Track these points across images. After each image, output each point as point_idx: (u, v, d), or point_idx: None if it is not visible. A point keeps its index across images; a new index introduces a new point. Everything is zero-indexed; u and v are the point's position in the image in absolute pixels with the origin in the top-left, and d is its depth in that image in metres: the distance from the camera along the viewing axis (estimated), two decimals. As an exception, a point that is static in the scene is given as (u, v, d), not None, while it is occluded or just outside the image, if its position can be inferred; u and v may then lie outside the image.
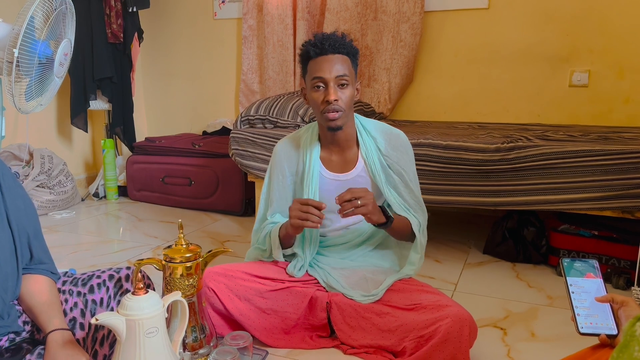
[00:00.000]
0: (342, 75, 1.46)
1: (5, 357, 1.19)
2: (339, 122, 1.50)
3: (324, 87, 1.47)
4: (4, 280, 1.15)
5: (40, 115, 3.20)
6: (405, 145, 1.61)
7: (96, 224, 2.98)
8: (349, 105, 1.49)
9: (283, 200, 1.65)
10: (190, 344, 1.31)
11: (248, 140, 2.58)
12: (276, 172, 1.65)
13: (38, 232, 1.27)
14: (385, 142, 1.59)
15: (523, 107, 2.96)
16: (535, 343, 1.61)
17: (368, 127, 1.60)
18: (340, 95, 1.47)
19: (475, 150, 2.07)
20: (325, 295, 1.58)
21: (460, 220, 2.97)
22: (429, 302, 1.45)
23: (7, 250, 1.17)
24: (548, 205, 2.03)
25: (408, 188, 1.60)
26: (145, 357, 1.10)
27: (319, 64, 1.47)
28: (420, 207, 1.62)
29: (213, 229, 2.81)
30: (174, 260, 1.29)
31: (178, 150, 3.27)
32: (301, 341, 1.55)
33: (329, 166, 1.60)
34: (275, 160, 1.66)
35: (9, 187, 1.19)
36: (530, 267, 2.24)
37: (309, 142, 1.62)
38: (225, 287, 1.55)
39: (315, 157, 1.60)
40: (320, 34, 1.50)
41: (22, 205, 1.22)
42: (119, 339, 1.10)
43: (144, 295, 1.12)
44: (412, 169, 1.62)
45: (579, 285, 1.05)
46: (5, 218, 1.17)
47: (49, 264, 1.29)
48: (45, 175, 3.01)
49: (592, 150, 1.95)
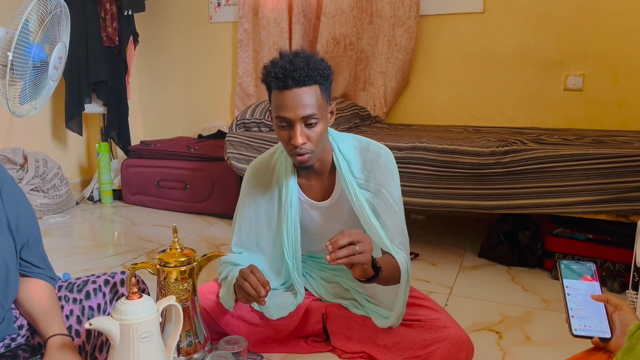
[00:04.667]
0: (310, 115, 1.28)
1: (1, 362, 1.18)
2: (309, 163, 1.36)
3: (289, 127, 1.31)
4: (5, 288, 1.15)
5: (35, 118, 3.18)
6: (385, 164, 1.44)
7: (91, 228, 2.97)
8: (319, 142, 1.34)
9: (252, 232, 1.52)
10: (184, 349, 1.31)
11: (244, 144, 2.58)
12: (248, 201, 1.52)
13: (38, 239, 1.26)
14: (361, 163, 1.44)
15: (518, 110, 2.97)
16: (531, 347, 1.61)
17: (343, 148, 1.44)
18: (308, 134, 1.30)
19: (470, 154, 2.08)
20: (322, 306, 1.57)
21: (456, 223, 2.97)
22: (428, 319, 1.43)
23: (9, 256, 1.16)
24: (543, 208, 2.03)
25: (390, 209, 1.42)
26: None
27: (282, 100, 1.28)
28: (401, 233, 1.44)
29: (208, 233, 2.80)
30: (169, 264, 1.28)
31: (173, 154, 3.26)
32: (296, 346, 1.54)
33: (308, 192, 1.50)
34: (248, 187, 1.52)
35: (9, 193, 1.18)
36: (526, 270, 2.24)
37: (284, 167, 1.48)
38: (216, 305, 1.52)
39: (292, 183, 1.47)
40: (284, 61, 1.28)
41: (23, 211, 1.21)
42: (113, 343, 1.09)
43: (138, 299, 1.11)
44: (395, 189, 1.45)
45: (575, 288, 1.05)
46: (6, 224, 1.16)
47: (47, 269, 1.28)
48: (40, 179, 3.00)
49: (586, 154, 1.96)
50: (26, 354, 1.23)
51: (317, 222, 1.53)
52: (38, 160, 3.03)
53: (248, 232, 1.52)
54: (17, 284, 1.19)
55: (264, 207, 1.51)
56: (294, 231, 1.49)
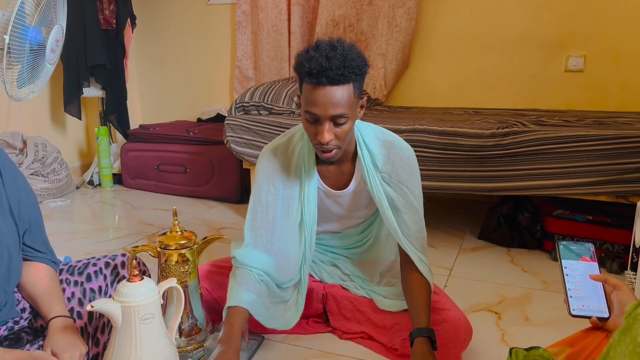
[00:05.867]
0: (340, 115, 1.24)
1: (5, 345, 1.19)
2: (335, 158, 1.34)
3: (317, 122, 1.27)
4: (8, 272, 1.15)
5: (33, 102, 3.17)
6: (408, 161, 1.42)
7: (91, 212, 2.98)
8: (346, 139, 1.31)
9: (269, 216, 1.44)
10: (186, 330, 1.32)
11: (243, 127, 2.57)
12: (267, 184, 1.45)
13: (40, 223, 1.27)
14: (385, 157, 1.41)
15: (519, 92, 2.95)
16: (530, 327, 1.62)
17: (367, 139, 1.42)
18: (336, 132, 1.27)
19: (470, 136, 2.07)
20: (321, 287, 1.58)
21: (456, 206, 2.98)
22: None
23: (12, 241, 1.16)
24: (543, 190, 2.04)
25: (411, 207, 1.42)
26: (141, 343, 1.10)
27: (313, 96, 1.23)
28: (419, 230, 1.43)
29: (208, 217, 2.81)
30: (169, 247, 1.29)
31: (172, 138, 3.25)
32: (297, 326, 1.55)
33: (326, 179, 1.47)
34: (267, 170, 1.46)
35: (11, 178, 1.18)
36: (525, 252, 2.25)
37: (305, 154, 1.44)
38: (217, 285, 1.53)
39: (313, 170, 1.44)
40: (320, 55, 1.21)
41: (24, 195, 1.21)
42: (115, 325, 1.10)
43: (139, 282, 1.12)
44: (417, 187, 1.44)
45: (574, 268, 1.05)
46: (8, 209, 1.16)
47: (49, 254, 1.29)
48: (40, 163, 2.99)
49: (587, 135, 1.95)
50: (29, 337, 1.25)
51: (332, 210, 1.52)
52: (37, 144, 3.02)
53: (264, 216, 1.44)
54: (20, 269, 1.20)
55: (282, 192, 1.44)
56: (312, 221, 1.45)
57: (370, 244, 1.62)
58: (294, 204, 1.44)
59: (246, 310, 1.31)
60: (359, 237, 1.62)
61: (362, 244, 1.63)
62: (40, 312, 1.22)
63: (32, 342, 1.18)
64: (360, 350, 1.47)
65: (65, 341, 1.12)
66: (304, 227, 1.44)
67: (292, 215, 1.44)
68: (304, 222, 1.44)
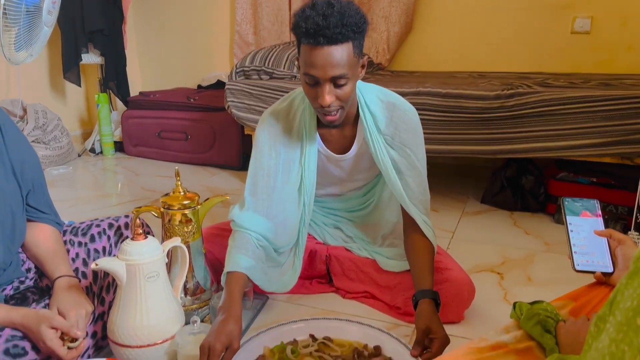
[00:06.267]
0: (340, 76, 1.21)
1: (11, 304, 1.20)
2: (337, 122, 1.31)
3: (316, 85, 1.24)
4: (12, 232, 1.15)
5: (32, 69, 3.14)
6: (411, 121, 1.40)
7: (94, 179, 2.97)
8: (347, 101, 1.28)
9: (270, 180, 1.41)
10: (191, 289, 1.33)
11: (244, 92, 2.54)
12: (268, 148, 1.42)
13: (43, 184, 1.26)
14: (387, 118, 1.39)
15: (524, 55, 2.90)
16: (532, 287, 1.63)
17: (369, 101, 1.39)
18: (337, 93, 1.24)
19: (475, 98, 2.05)
20: (324, 249, 1.59)
21: (459, 171, 2.97)
22: None
23: (15, 202, 1.16)
24: (547, 152, 2.02)
25: (414, 169, 1.40)
26: (147, 301, 1.11)
27: (312, 58, 1.20)
28: (425, 195, 1.43)
29: (211, 184, 2.81)
30: (172, 207, 1.29)
31: (173, 105, 3.22)
32: (301, 287, 1.57)
33: (328, 142, 1.45)
34: (268, 134, 1.42)
35: (13, 138, 1.17)
36: (528, 215, 2.25)
37: (307, 118, 1.41)
38: (221, 247, 1.51)
39: (314, 137, 1.42)
40: (317, 14, 1.17)
41: (27, 157, 1.20)
42: (120, 283, 1.11)
43: (143, 240, 1.13)
44: (420, 149, 1.42)
45: (578, 224, 1.05)
46: (11, 170, 1.15)
47: (53, 214, 1.29)
48: (40, 131, 2.98)
49: (592, 96, 1.93)
50: (35, 296, 1.26)
51: (333, 174, 1.51)
52: (38, 111, 3.00)
53: (264, 181, 1.42)
54: (23, 229, 1.20)
55: (283, 157, 1.42)
56: (311, 185, 1.44)
57: (372, 207, 1.61)
58: (294, 168, 1.43)
59: (245, 275, 1.30)
60: (361, 200, 1.62)
61: (365, 207, 1.62)
62: (45, 272, 1.22)
63: (38, 301, 1.19)
64: (364, 309, 1.49)
65: (71, 300, 1.13)
66: (303, 190, 1.43)
67: (292, 180, 1.43)
68: (304, 185, 1.43)
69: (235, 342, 1.12)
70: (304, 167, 1.42)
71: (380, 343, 1.25)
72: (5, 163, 1.14)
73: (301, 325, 1.31)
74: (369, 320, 1.36)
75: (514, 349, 0.84)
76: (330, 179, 1.52)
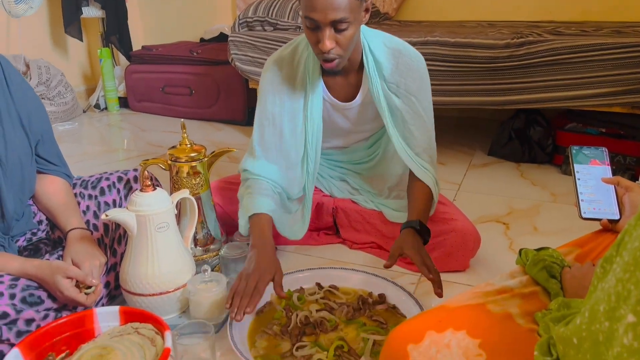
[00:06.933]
0: (340, 20, 1.17)
1: (24, 255, 1.23)
2: (337, 68, 1.29)
3: (317, 29, 1.20)
4: (22, 182, 1.16)
5: (33, 25, 3.09)
6: (417, 70, 1.37)
7: (99, 135, 2.98)
8: (349, 47, 1.24)
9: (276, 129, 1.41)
10: (201, 240, 1.35)
11: (248, 44, 2.50)
12: (272, 96, 1.41)
13: (50, 134, 1.26)
14: (393, 65, 1.35)
15: (534, 3, 2.82)
16: (538, 236, 1.64)
17: (374, 47, 1.35)
18: (338, 38, 1.20)
19: (484, 47, 2.00)
20: (331, 201, 1.60)
21: (466, 124, 2.94)
22: (436, 212, 1.45)
23: (24, 151, 1.16)
24: (557, 102, 1.99)
25: (419, 118, 1.38)
26: (158, 251, 1.13)
27: (311, 0, 1.16)
28: (430, 144, 1.42)
29: (217, 139, 2.80)
30: (180, 159, 1.29)
31: (176, 58, 3.18)
32: (308, 238, 1.59)
33: (333, 90, 1.42)
34: (271, 82, 1.41)
35: (19, 89, 1.16)
36: (535, 166, 2.24)
37: (310, 64, 1.38)
38: (229, 200, 1.54)
39: (318, 85, 1.39)
40: None
41: (34, 108, 1.20)
42: (130, 234, 1.13)
43: (152, 192, 1.14)
44: (426, 97, 1.40)
45: (586, 172, 1.05)
46: (18, 120, 1.15)
47: (62, 166, 1.29)
48: (44, 86, 2.96)
49: (604, 44, 1.88)
50: (48, 247, 1.28)
51: (338, 124, 1.49)
52: (40, 67, 2.97)
53: (271, 129, 1.42)
54: (33, 180, 1.21)
55: (288, 104, 1.41)
56: (316, 134, 1.42)
57: (378, 159, 1.61)
58: (299, 116, 1.41)
59: (270, 217, 1.32)
60: (366, 152, 1.61)
61: (370, 159, 1.62)
62: (57, 224, 1.24)
63: (50, 252, 1.21)
64: (369, 259, 1.51)
65: (84, 251, 1.15)
66: (309, 139, 1.43)
67: (297, 128, 1.42)
68: (308, 134, 1.42)
69: (280, 270, 1.19)
70: (308, 115, 1.40)
71: (385, 291, 1.27)
72: (12, 113, 1.14)
73: (308, 274, 1.34)
74: (374, 269, 1.39)
75: (519, 293, 0.85)
76: (336, 130, 1.51)
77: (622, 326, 0.48)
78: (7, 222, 1.15)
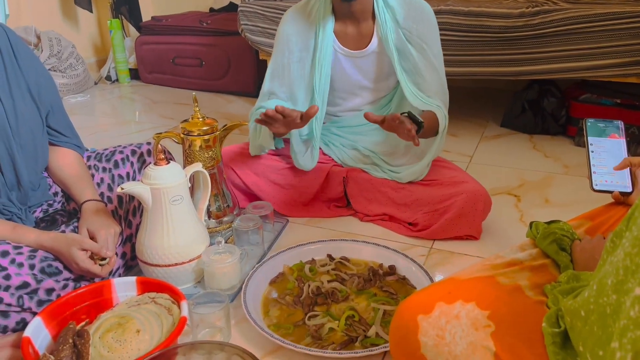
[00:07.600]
0: None
1: (41, 227, 1.26)
2: (354, 5, 1.37)
3: None
4: (35, 151, 1.18)
5: (42, -5, 3.08)
6: (428, 17, 1.43)
7: (111, 107, 2.99)
8: None
9: (285, 79, 1.51)
10: (214, 212, 1.37)
11: (258, 14, 2.47)
12: (282, 46, 1.49)
13: (60, 105, 1.27)
14: (405, 12, 1.42)
15: (551, -31, 2.74)
16: (549, 208, 1.64)
17: None
18: None
19: (498, 16, 1.96)
20: (342, 171, 1.60)
21: (479, 95, 2.91)
22: (446, 178, 1.46)
23: (35, 122, 1.17)
24: (572, 73, 1.96)
25: (431, 65, 1.44)
26: (173, 222, 1.15)
27: None
28: (442, 89, 1.47)
29: (227, 110, 2.80)
30: (192, 133, 1.30)
31: (186, 29, 3.16)
32: (319, 210, 1.60)
33: (344, 41, 1.47)
34: (284, 32, 1.49)
35: (27, 60, 1.17)
36: (548, 138, 2.22)
37: (322, 12, 1.45)
38: (243, 164, 1.57)
39: (329, 31, 1.45)
40: None
41: (43, 79, 1.20)
42: (146, 207, 1.15)
43: (165, 165, 1.15)
44: (436, 44, 1.45)
45: (600, 145, 1.04)
46: (27, 91, 1.16)
47: (74, 137, 1.31)
48: (56, 59, 2.96)
49: (621, 12, 1.84)
50: (64, 218, 1.31)
51: (351, 79, 1.52)
52: (52, 39, 2.97)
53: (280, 79, 1.51)
54: (46, 151, 1.23)
55: (297, 54, 1.48)
56: (324, 80, 1.48)
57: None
58: (308, 63, 1.49)
59: None
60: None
61: None
62: (71, 196, 1.26)
63: (66, 223, 1.24)
64: (381, 231, 1.52)
65: (99, 222, 1.18)
66: (316, 87, 1.48)
67: (306, 77, 1.49)
68: (316, 82, 1.48)
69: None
70: (316, 64, 1.46)
71: (395, 263, 1.29)
72: (21, 85, 1.15)
73: (319, 245, 1.36)
74: (385, 241, 1.40)
75: (528, 266, 0.86)
76: (349, 86, 1.54)
77: (629, 299, 0.48)
78: (25, 190, 1.17)
